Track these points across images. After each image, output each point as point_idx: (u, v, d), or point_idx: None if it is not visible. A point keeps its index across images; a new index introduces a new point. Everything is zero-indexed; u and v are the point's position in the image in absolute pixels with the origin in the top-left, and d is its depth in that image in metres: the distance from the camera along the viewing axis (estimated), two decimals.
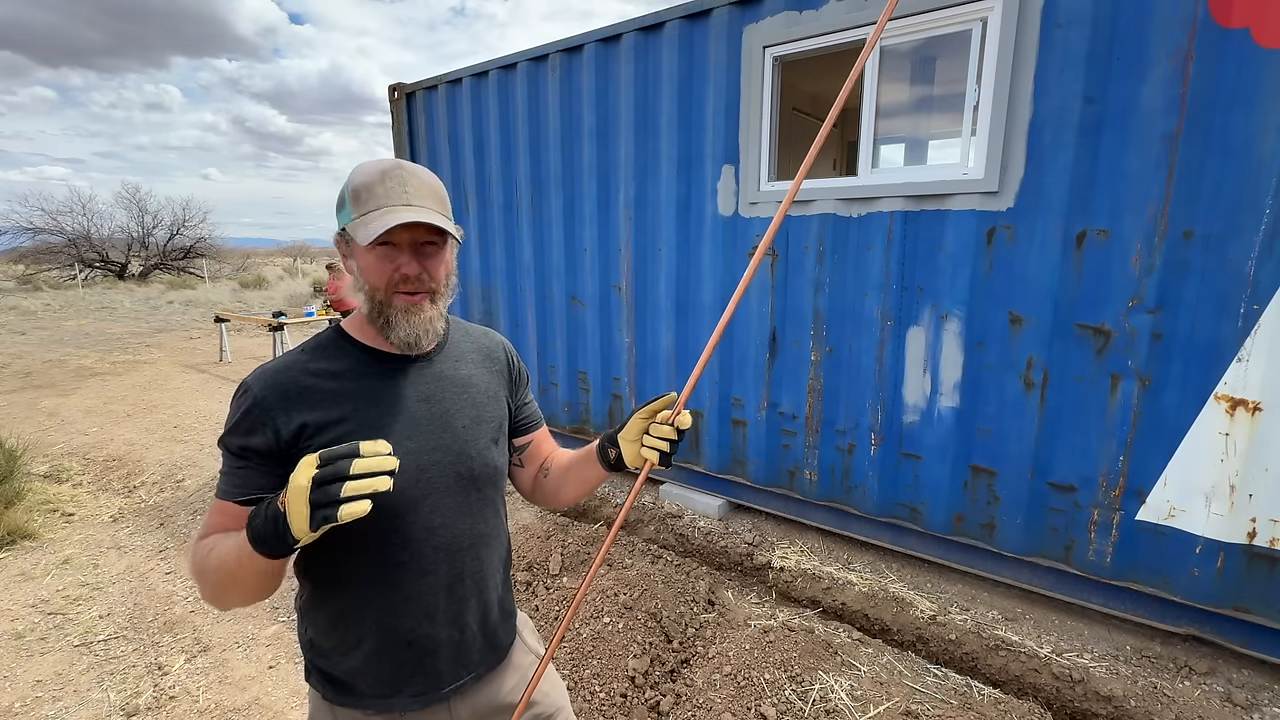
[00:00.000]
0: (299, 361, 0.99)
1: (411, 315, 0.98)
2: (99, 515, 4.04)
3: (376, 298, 0.97)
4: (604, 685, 2.27)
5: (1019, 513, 2.61)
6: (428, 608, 1.02)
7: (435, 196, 0.98)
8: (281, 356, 1.00)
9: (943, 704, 2.15)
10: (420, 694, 1.03)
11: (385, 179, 0.94)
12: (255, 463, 0.93)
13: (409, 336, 0.99)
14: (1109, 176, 2.26)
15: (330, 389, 0.97)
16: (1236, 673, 2.28)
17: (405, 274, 0.97)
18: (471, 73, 4.29)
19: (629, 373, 3.84)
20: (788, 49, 2.93)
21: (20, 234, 24.43)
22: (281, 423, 0.93)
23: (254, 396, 0.94)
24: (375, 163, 0.97)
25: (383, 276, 0.96)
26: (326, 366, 0.99)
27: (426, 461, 1.00)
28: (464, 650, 1.07)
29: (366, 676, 1.02)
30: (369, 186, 0.94)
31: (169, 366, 8.75)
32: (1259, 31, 1.97)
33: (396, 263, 0.96)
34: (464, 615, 1.06)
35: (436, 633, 1.03)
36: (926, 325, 2.73)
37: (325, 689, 1.04)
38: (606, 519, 3.66)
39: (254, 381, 0.95)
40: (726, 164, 3.21)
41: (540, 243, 4.18)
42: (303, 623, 1.07)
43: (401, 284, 0.97)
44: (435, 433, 1.02)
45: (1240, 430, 2.13)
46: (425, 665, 1.03)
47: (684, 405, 1.03)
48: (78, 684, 2.48)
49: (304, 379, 0.96)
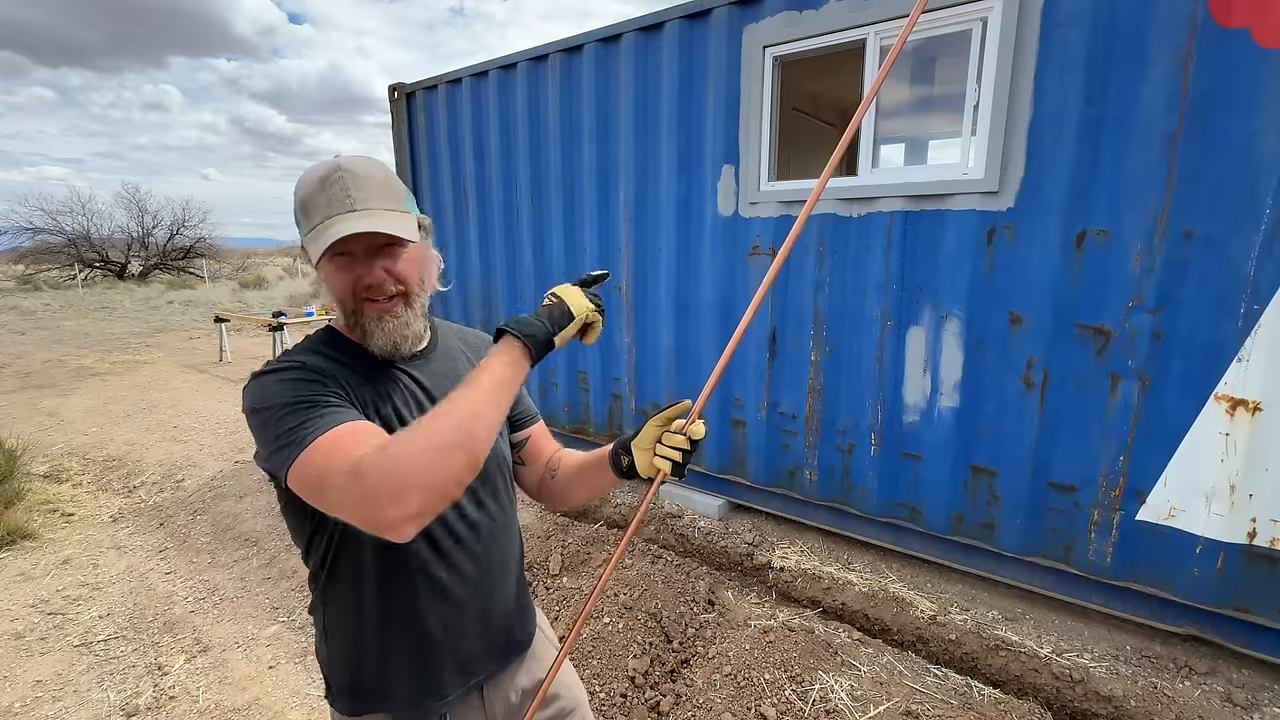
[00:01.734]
0: (304, 354, 0.95)
1: (385, 323, 0.95)
2: (99, 515, 4.04)
3: (347, 308, 0.94)
4: (604, 685, 2.27)
5: (1019, 513, 2.61)
6: (456, 602, 1.02)
7: (384, 192, 0.92)
8: (282, 356, 0.96)
9: (943, 704, 2.15)
10: (455, 689, 1.04)
11: (326, 186, 0.89)
12: (342, 402, 0.87)
13: (386, 344, 0.96)
14: (1109, 176, 2.26)
15: (347, 375, 0.95)
16: (1236, 673, 2.28)
17: (368, 283, 0.93)
18: (471, 73, 4.29)
19: (629, 373, 3.84)
20: (788, 49, 2.93)
21: (20, 234, 24.45)
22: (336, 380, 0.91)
23: (295, 363, 0.90)
24: (314, 169, 0.92)
25: (346, 288, 0.93)
26: (333, 357, 0.96)
27: None
28: (491, 641, 1.08)
29: (402, 681, 1.01)
30: (311, 197, 0.90)
31: (169, 366, 8.75)
32: (1259, 31, 1.97)
33: (356, 272, 0.92)
34: (490, 607, 1.08)
35: (466, 626, 1.04)
36: (926, 325, 2.73)
37: (354, 704, 1.02)
38: (607, 519, 3.66)
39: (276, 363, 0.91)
40: (726, 164, 3.21)
41: (540, 243, 4.18)
42: (327, 641, 1.05)
43: (366, 292, 0.93)
44: None
45: (1240, 430, 2.13)
46: (458, 660, 1.04)
47: (699, 414, 1.03)
48: (78, 684, 2.48)
49: (321, 362, 0.93)
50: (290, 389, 0.85)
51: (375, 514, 0.74)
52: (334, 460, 0.77)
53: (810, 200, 0.97)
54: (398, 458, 0.75)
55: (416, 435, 0.77)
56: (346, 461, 0.76)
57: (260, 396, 0.87)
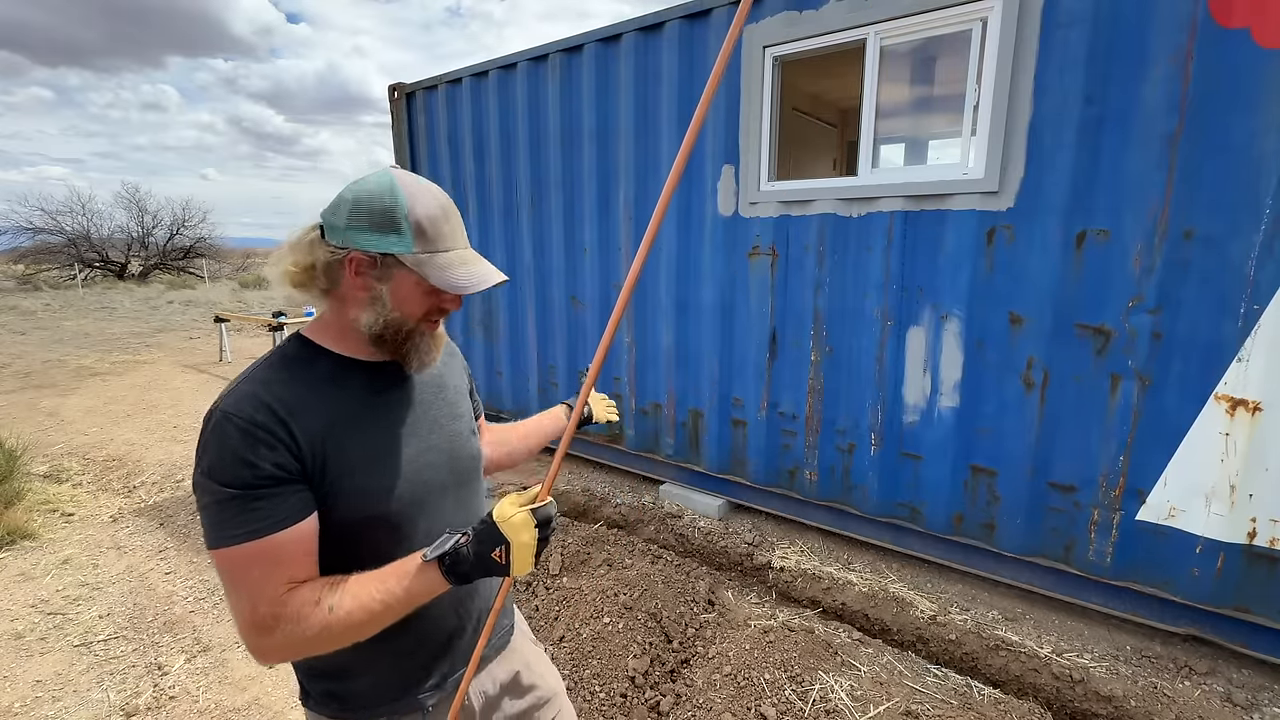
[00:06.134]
0: (271, 378, 0.90)
1: (435, 338, 1.00)
2: (99, 515, 4.04)
3: (406, 327, 0.94)
4: (604, 685, 2.27)
5: (1019, 513, 2.61)
6: (441, 604, 1.02)
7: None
8: (246, 378, 0.90)
9: (943, 704, 2.15)
10: (438, 683, 1.06)
11: (449, 216, 0.92)
12: (284, 488, 0.84)
13: (429, 358, 0.99)
14: (1109, 176, 2.26)
15: (320, 397, 0.91)
16: (1236, 673, 2.28)
17: (447, 310, 0.97)
18: (471, 73, 4.29)
19: (629, 372, 3.84)
20: (788, 49, 2.93)
21: (20, 234, 24.42)
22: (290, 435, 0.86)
23: (246, 419, 0.84)
24: (430, 190, 0.92)
25: (424, 310, 0.94)
26: (305, 376, 0.92)
27: (423, 464, 1.00)
28: (473, 638, 1.10)
29: (387, 679, 1.01)
30: (434, 221, 0.90)
31: (169, 366, 8.74)
32: (1259, 31, 1.97)
33: (440, 299, 0.95)
34: (473, 606, 1.10)
35: (451, 625, 1.07)
36: (926, 325, 2.73)
37: (336, 707, 1.01)
38: (607, 519, 3.66)
39: (233, 406, 0.85)
40: (726, 164, 3.21)
41: (540, 242, 4.18)
42: None
43: (436, 315, 0.97)
44: (425, 434, 1.02)
45: (1240, 430, 2.13)
46: (442, 657, 1.06)
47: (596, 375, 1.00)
48: (77, 684, 2.48)
49: (286, 391, 0.89)
50: (229, 470, 0.82)
51: (254, 650, 0.84)
52: (248, 587, 0.83)
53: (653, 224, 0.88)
54: (298, 642, 0.84)
55: (325, 625, 0.83)
56: (261, 604, 0.82)
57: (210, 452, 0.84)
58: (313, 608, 0.83)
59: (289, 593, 0.84)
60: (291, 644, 0.84)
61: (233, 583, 0.83)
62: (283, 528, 0.84)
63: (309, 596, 0.84)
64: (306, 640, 0.83)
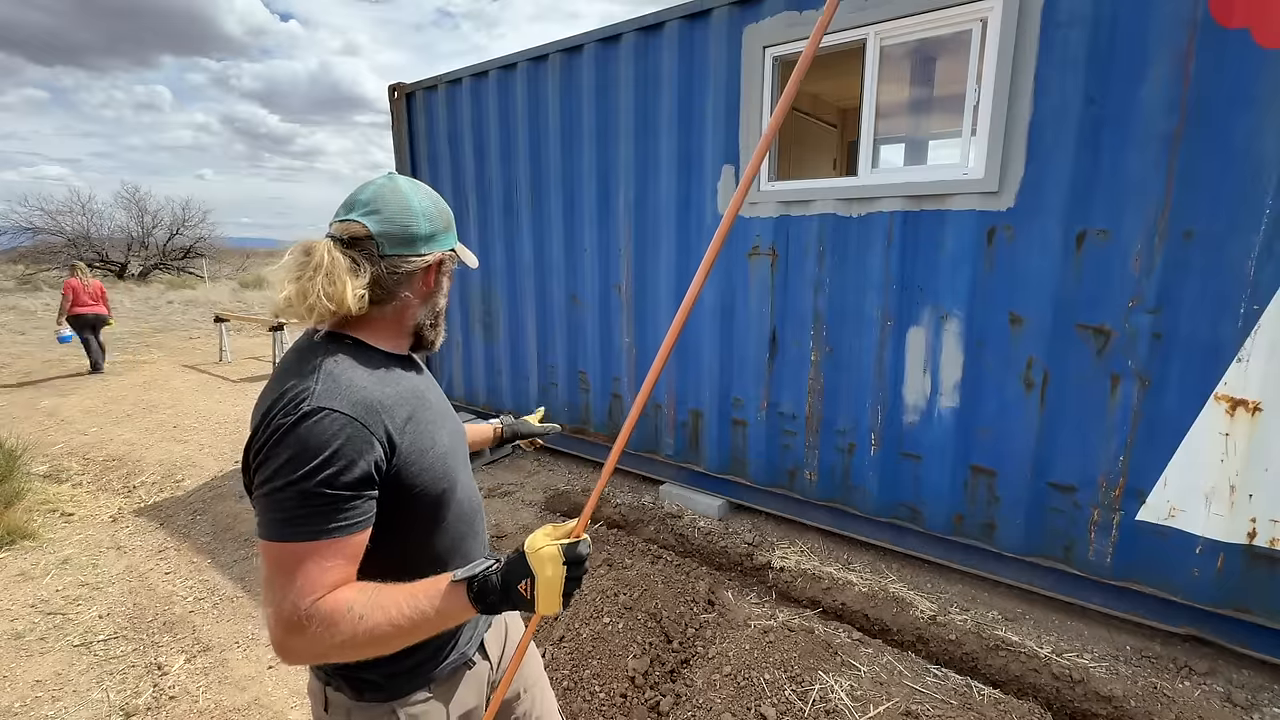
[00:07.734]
0: (355, 377, 0.91)
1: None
2: (98, 515, 4.03)
3: (440, 315, 1.10)
4: (604, 685, 2.27)
5: (1019, 513, 2.61)
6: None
7: None
8: (327, 373, 0.90)
9: (943, 704, 2.15)
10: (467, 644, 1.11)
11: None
12: (368, 491, 0.86)
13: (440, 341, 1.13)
14: (1109, 176, 2.26)
15: (391, 394, 0.95)
16: (1236, 673, 2.28)
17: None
18: (471, 73, 4.29)
19: (629, 372, 3.84)
20: (788, 49, 2.93)
21: (20, 234, 24.40)
22: (386, 433, 0.89)
23: (345, 416, 0.85)
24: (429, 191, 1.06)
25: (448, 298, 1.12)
26: (375, 374, 0.96)
27: (454, 442, 1.09)
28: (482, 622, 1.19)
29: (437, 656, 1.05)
30: (449, 219, 1.07)
31: (169, 366, 8.74)
32: (1259, 31, 1.97)
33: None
34: None
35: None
36: (926, 325, 2.73)
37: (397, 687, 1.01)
38: (607, 519, 3.66)
39: (331, 402, 0.85)
40: (726, 164, 3.21)
41: (540, 243, 4.18)
42: None
43: None
44: (448, 416, 1.12)
45: (1240, 430, 2.13)
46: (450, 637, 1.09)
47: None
48: (77, 684, 2.48)
49: (372, 389, 0.92)
50: (330, 474, 0.82)
51: (280, 647, 0.82)
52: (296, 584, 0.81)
53: None
54: (325, 648, 0.82)
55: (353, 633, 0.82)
56: (303, 602, 0.81)
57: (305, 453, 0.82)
58: (344, 614, 0.82)
59: (329, 594, 0.83)
60: (317, 647, 0.82)
61: (282, 576, 0.82)
62: (353, 531, 0.85)
63: (343, 602, 0.83)
64: (332, 646, 0.82)
